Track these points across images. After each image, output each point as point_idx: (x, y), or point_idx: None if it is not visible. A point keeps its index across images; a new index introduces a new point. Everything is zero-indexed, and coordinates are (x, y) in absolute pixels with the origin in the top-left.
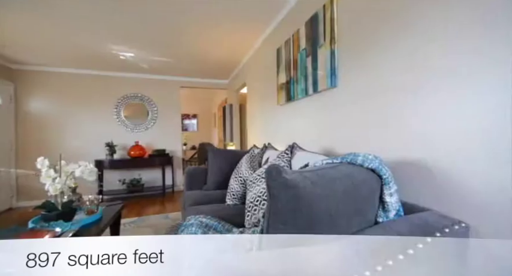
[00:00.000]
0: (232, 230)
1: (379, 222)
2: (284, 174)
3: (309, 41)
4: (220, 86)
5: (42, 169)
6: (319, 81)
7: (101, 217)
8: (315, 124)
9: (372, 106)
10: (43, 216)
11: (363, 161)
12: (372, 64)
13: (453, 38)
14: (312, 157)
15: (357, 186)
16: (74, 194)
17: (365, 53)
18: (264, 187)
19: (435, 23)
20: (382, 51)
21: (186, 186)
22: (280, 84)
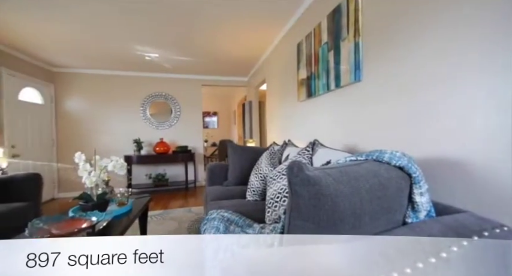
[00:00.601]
0: (253, 225)
1: (408, 222)
2: (306, 171)
3: (331, 35)
4: (239, 83)
5: (80, 163)
6: (342, 75)
7: (131, 209)
8: (337, 120)
9: (399, 100)
10: (81, 207)
11: (390, 158)
12: (400, 56)
13: (490, 23)
14: (334, 154)
15: (384, 184)
16: (107, 187)
17: (392, 44)
18: (284, 184)
19: (471, 9)
20: (411, 42)
21: (207, 182)
22: (300, 80)
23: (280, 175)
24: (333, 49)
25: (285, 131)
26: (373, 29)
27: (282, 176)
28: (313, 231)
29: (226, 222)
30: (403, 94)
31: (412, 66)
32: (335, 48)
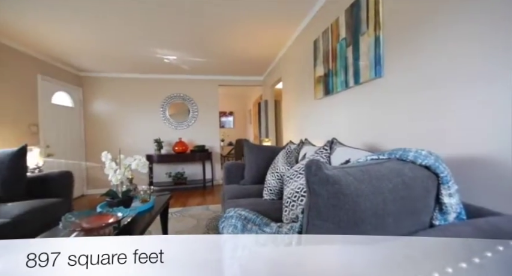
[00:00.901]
0: (271, 224)
1: (435, 225)
2: (325, 170)
3: (349, 30)
4: (255, 82)
5: (106, 162)
6: (362, 71)
7: (153, 206)
8: (356, 118)
9: (424, 96)
10: (108, 203)
11: (415, 157)
12: (427, 48)
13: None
14: (353, 153)
15: (408, 184)
16: (130, 184)
17: (416, 37)
18: (301, 183)
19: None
20: (438, 34)
21: (224, 180)
22: (317, 77)
23: (297, 174)
24: (352, 44)
25: (301, 129)
26: (395, 21)
27: (299, 175)
28: (333, 232)
29: (243, 221)
30: (428, 89)
31: (440, 59)
32: (354, 43)
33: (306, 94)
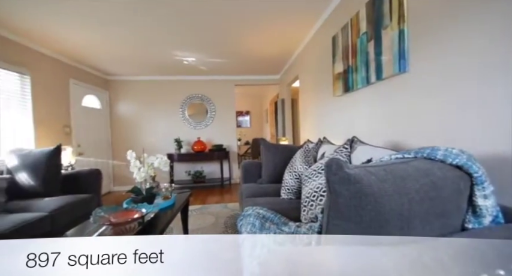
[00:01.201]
0: (289, 223)
1: (468, 228)
2: (345, 169)
3: (370, 23)
4: (272, 81)
5: (131, 160)
6: (384, 67)
7: (174, 203)
8: (378, 115)
9: (454, 91)
10: (132, 199)
11: (444, 156)
12: (456, 41)
13: None
14: (375, 152)
15: (437, 185)
16: (153, 182)
17: (446, 28)
18: (320, 182)
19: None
20: (470, 24)
21: (242, 179)
22: (336, 74)
23: (316, 173)
24: (373, 39)
25: (319, 128)
26: (421, 12)
27: (318, 175)
28: (355, 232)
29: (261, 219)
30: (458, 83)
31: (473, 50)
32: (376, 37)
33: (324, 92)
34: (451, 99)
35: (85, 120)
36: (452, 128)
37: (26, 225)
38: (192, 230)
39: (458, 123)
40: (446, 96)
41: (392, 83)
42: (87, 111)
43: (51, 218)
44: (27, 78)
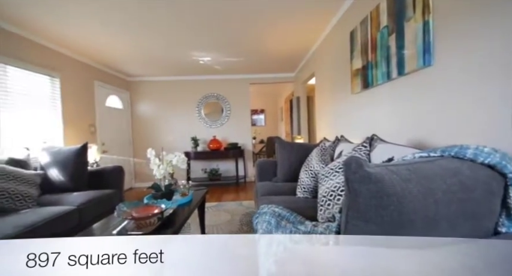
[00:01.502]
0: (305, 222)
1: (502, 232)
2: (366, 167)
3: (392, 16)
4: (287, 79)
5: (151, 158)
6: (407, 61)
7: (191, 199)
8: (399, 112)
9: (487, 86)
10: (153, 195)
11: (475, 154)
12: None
13: None
14: (397, 150)
15: (467, 185)
16: (172, 179)
17: (476, 17)
18: (338, 181)
19: None
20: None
21: (257, 177)
22: (354, 70)
23: (333, 172)
24: (395, 32)
25: (336, 126)
26: (448, 1)
27: (335, 173)
28: (375, 233)
29: (277, 218)
30: (492, 77)
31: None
32: (397, 31)
33: (341, 89)
34: (482, 95)
35: (108, 120)
36: (484, 125)
37: (57, 218)
38: (208, 226)
39: (491, 121)
40: (478, 92)
41: (416, 78)
42: (110, 111)
43: (79, 212)
44: (57, 81)
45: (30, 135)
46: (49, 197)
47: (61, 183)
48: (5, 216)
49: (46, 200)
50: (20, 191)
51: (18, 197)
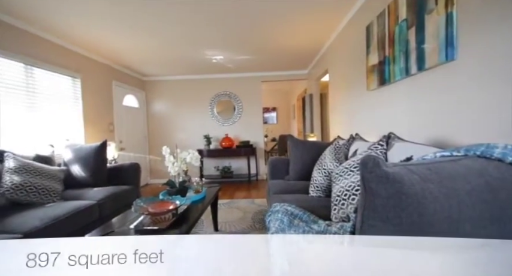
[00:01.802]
0: (318, 221)
1: None
2: (383, 167)
3: (411, 9)
4: (299, 76)
5: (166, 155)
6: (427, 56)
7: (205, 196)
8: (419, 109)
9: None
10: (167, 191)
11: (503, 154)
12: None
13: None
14: (416, 149)
15: (493, 186)
16: (186, 176)
17: (504, 10)
18: (353, 180)
19: None
20: None
21: (269, 175)
22: (370, 66)
23: (348, 171)
24: (415, 26)
25: (350, 124)
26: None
27: (350, 172)
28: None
29: (290, 216)
30: None
31: None
32: (417, 24)
33: (356, 85)
34: (510, 91)
35: (125, 118)
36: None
37: (79, 212)
38: (221, 222)
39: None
40: (505, 87)
41: (437, 73)
42: (127, 110)
43: (99, 206)
44: (78, 81)
45: (54, 133)
46: (71, 192)
47: (82, 178)
48: (33, 209)
49: (69, 195)
50: (45, 185)
51: (44, 192)
